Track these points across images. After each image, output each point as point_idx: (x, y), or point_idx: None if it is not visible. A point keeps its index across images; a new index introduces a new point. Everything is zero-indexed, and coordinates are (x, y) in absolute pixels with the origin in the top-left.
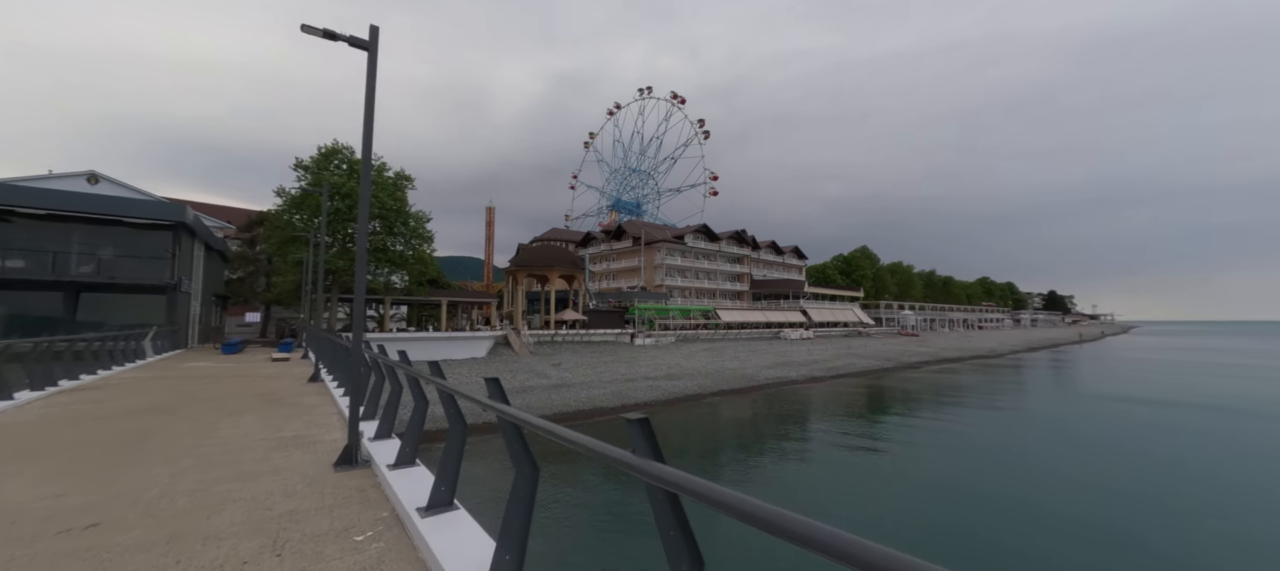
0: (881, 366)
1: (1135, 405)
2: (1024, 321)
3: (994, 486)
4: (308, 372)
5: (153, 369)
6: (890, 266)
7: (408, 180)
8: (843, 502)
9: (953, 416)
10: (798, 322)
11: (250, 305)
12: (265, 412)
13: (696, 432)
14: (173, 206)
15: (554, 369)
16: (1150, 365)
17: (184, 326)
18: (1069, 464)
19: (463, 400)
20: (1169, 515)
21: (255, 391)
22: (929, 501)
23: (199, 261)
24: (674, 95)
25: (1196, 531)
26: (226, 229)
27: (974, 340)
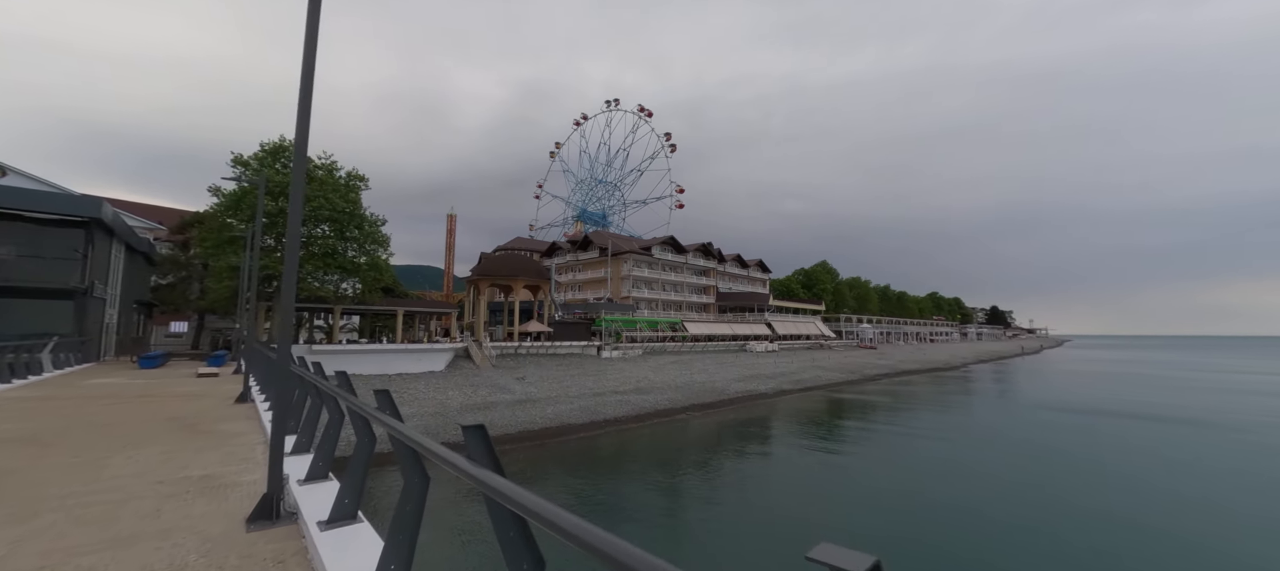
0: (846, 378)
1: (1080, 415)
2: (970, 335)
3: (959, 497)
4: (237, 390)
5: (46, 387)
6: (849, 281)
7: (361, 180)
8: (825, 516)
9: (916, 428)
10: (763, 335)
11: (181, 313)
12: (172, 443)
13: (669, 450)
14: (86, 201)
15: (518, 383)
16: (1090, 377)
17: (95, 337)
18: (1020, 473)
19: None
20: (1121, 522)
21: (167, 415)
22: (899, 512)
23: (118, 264)
24: (641, 108)
25: (1154, 538)
26: (157, 230)
27: (928, 353)
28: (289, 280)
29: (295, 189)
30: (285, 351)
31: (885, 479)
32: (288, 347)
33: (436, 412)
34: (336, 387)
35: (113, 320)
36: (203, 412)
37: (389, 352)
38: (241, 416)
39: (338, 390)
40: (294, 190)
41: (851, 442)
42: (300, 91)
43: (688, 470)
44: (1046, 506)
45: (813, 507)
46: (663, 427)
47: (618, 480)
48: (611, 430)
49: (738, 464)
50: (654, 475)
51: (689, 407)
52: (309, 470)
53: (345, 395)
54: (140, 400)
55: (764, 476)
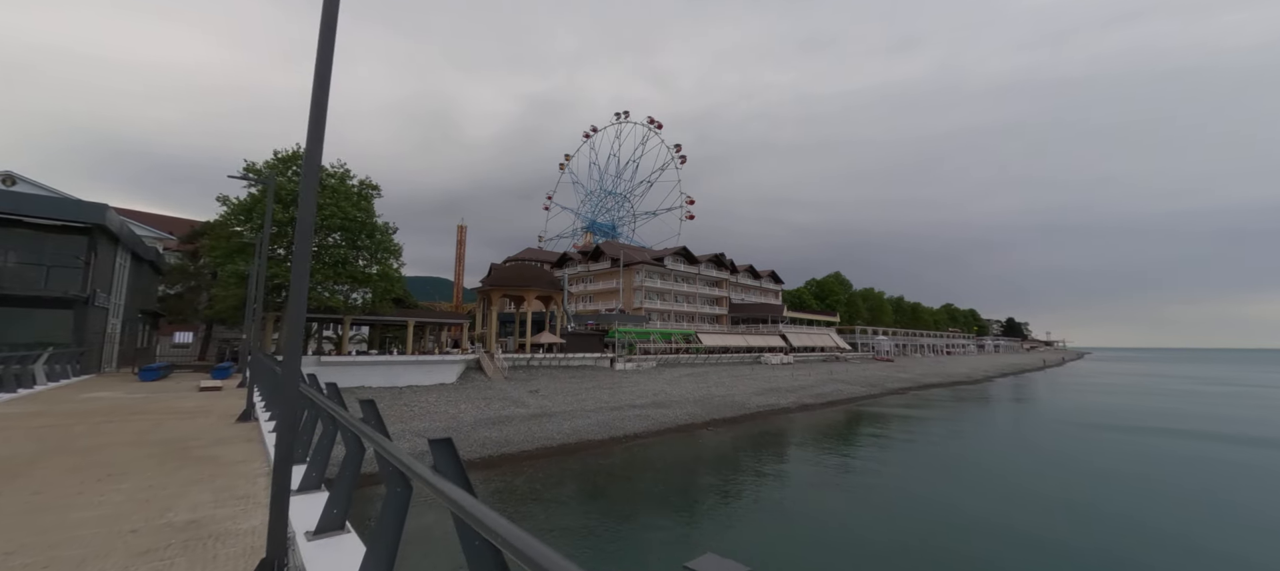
0: (868, 392)
1: (1128, 433)
2: (987, 347)
3: (1007, 519)
4: (240, 406)
5: (35, 402)
6: (862, 292)
7: (374, 189)
8: (864, 541)
9: (956, 446)
10: (778, 347)
11: (188, 324)
12: (158, 474)
13: (694, 467)
14: (89, 207)
15: (532, 396)
16: (1125, 391)
17: (97, 347)
18: (1074, 494)
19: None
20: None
21: (159, 436)
22: (947, 537)
23: (122, 272)
24: (650, 120)
25: None
26: (167, 240)
27: (947, 365)
28: (299, 289)
29: (305, 193)
30: (294, 368)
31: (937, 504)
32: (296, 364)
33: (449, 428)
34: (362, 423)
35: (116, 330)
36: (199, 433)
37: (399, 364)
38: (242, 438)
39: (362, 425)
40: (304, 194)
41: (887, 461)
42: (313, 98)
43: (717, 491)
44: (1114, 532)
45: (859, 533)
46: (684, 443)
47: (644, 502)
48: (633, 446)
49: (769, 484)
50: (682, 496)
51: (710, 422)
52: (321, 517)
53: (374, 434)
54: (132, 417)
55: (798, 499)
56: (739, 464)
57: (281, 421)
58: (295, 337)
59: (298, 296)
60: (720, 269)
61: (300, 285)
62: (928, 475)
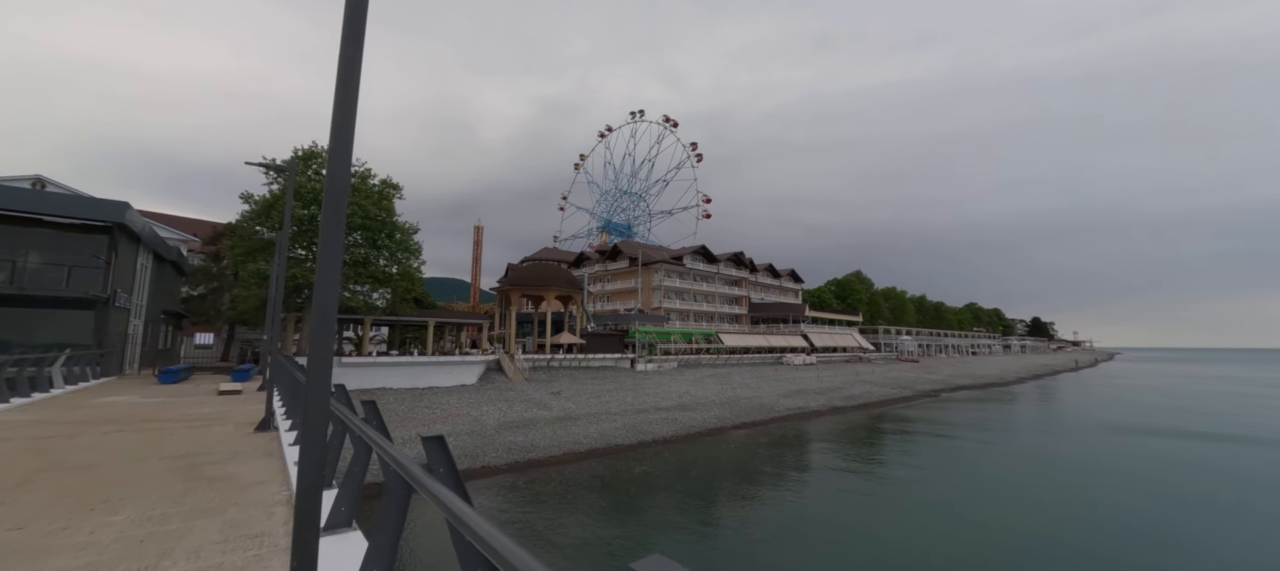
0: (898, 394)
1: (1197, 441)
2: (1013, 347)
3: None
4: (259, 412)
5: (47, 408)
6: (884, 291)
7: (395, 189)
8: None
9: (1003, 452)
10: (800, 347)
11: (211, 325)
12: (160, 501)
13: (729, 473)
14: (109, 205)
15: (554, 398)
16: (1170, 394)
17: (118, 349)
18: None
19: None
20: None
21: (169, 449)
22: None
23: (144, 273)
24: (666, 118)
25: None
26: (190, 241)
27: (975, 366)
28: (327, 293)
29: (334, 190)
30: (321, 383)
31: (1002, 527)
32: (326, 376)
33: (472, 432)
34: (428, 475)
35: (138, 331)
36: (213, 446)
37: (420, 365)
38: (260, 451)
39: (421, 474)
40: (331, 192)
41: (933, 472)
42: (339, 96)
43: (755, 501)
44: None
45: (918, 557)
46: (714, 447)
47: (680, 512)
48: (662, 450)
49: (811, 496)
50: (720, 507)
51: (738, 426)
52: (366, 559)
53: (444, 490)
54: (143, 426)
55: (846, 515)
56: (774, 471)
57: (307, 452)
58: (324, 348)
59: (325, 299)
60: (739, 268)
61: (331, 289)
62: (984, 492)
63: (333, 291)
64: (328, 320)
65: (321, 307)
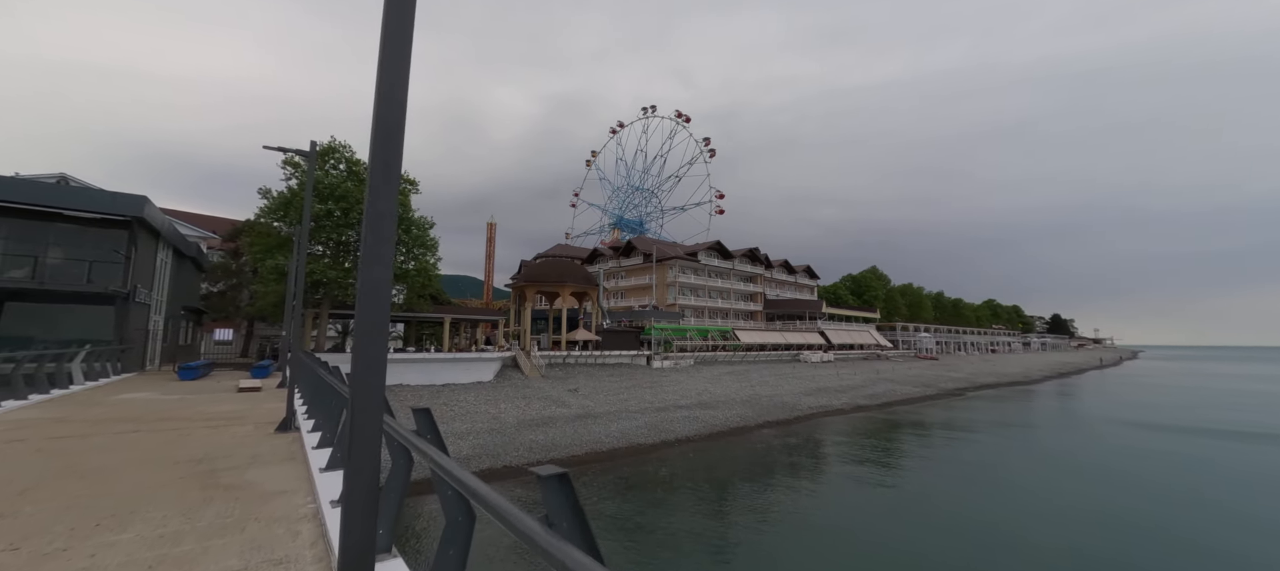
0: (922, 393)
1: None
2: (1033, 345)
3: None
4: (279, 410)
5: (63, 405)
6: (901, 287)
7: (412, 184)
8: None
9: (1040, 461)
10: (816, 345)
11: (230, 321)
12: (173, 514)
13: (757, 474)
14: (128, 199)
15: (572, 395)
16: (1206, 392)
17: (139, 345)
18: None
19: None
20: None
21: (184, 452)
22: None
23: (164, 268)
24: (679, 114)
25: None
26: (210, 239)
27: (997, 364)
28: (379, 259)
29: (378, 186)
30: (373, 391)
31: (1045, 540)
32: (378, 381)
33: (492, 429)
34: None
35: (158, 327)
36: (232, 449)
37: (436, 362)
38: (282, 455)
39: (506, 504)
40: (374, 189)
41: (973, 473)
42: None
43: (788, 506)
44: None
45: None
46: (738, 447)
47: (711, 517)
48: (686, 450)
49: (852, 501)
50: (751, 511)
51: (762, 425)
52: None
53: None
54: (160, 425)
55: (890, 522)
56: (808, 475)
57: (355, 501)
58: (375, 346)
59: (375, 281)
60: (754, 264)
61: (382, 268)
62: (1037, 501)
63: (384, 271)
64: (380, 307)
65: (371, 290)
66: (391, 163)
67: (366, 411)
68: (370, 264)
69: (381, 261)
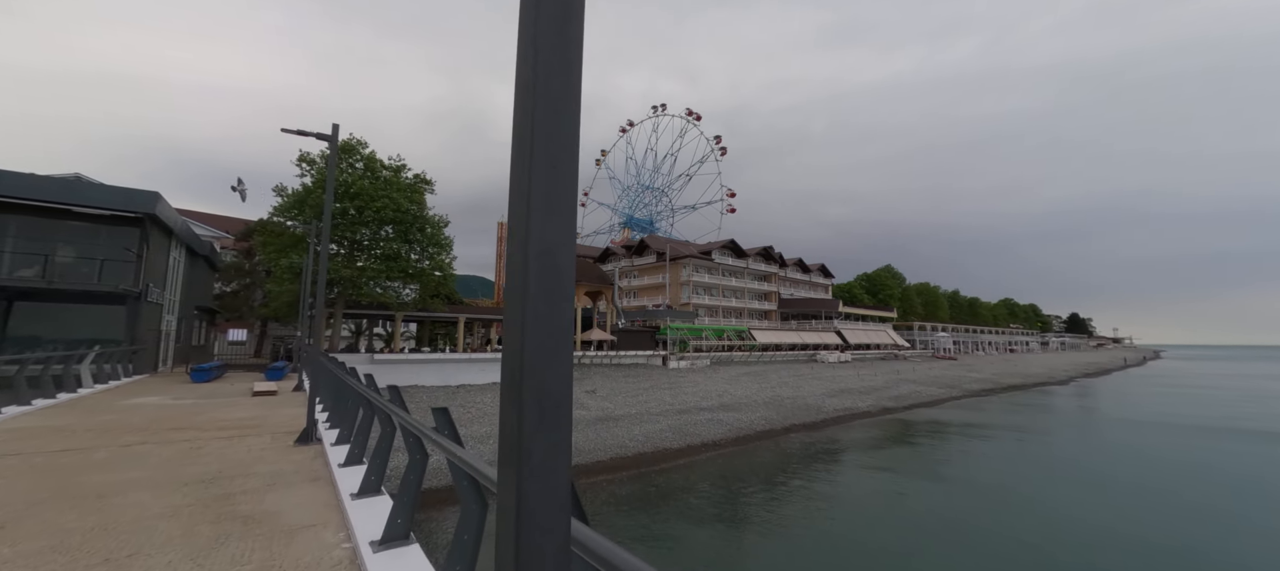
0: (946, 394)
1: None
2: (1052, 344)
3: None
4: (297, 417)
5: (71, 411)
6: (917, 286)
7: (428, 184)
8: None
9: (1088, 461)
10: (833, 345)
11: (244, 321)
12: (180, 558)
13: (805, 484)
14: (140, 195)
15: (590, 397)
16: (1240, 392)
17: (152, 345)
18: None
19: None
20: None
21: (196, 470)
22: None
23: (177, 267)
24: (689, 112)
25: None
26: (223, 238)
27: (1018, 364)
28: (562, 210)
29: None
30: (559, 406)
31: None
32: (564, 393)
33: None
34: None
35: (171, 327)
36: (249, 465)
37: (452, 363)
38: (304, 474)
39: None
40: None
41: (1029, 476)
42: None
43: (836, 518)
44: None
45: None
46: (767, 452)
47: (759, 535)
48: (714, 456)
49: (900, 515)
50: (803, 532)
51: (790, 428)
52: None
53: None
54: (170, 435)
55: (947, 539)
56: (843, 483)
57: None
58: (559, 334)
59: (556, 234)
60: (769, 263)
61: (565, 221)
62: (1087, 505)
63: (568, 224)
64: (562, 287)
65: (546, 257)
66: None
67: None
68: (551, 212)
69: (562, 212)
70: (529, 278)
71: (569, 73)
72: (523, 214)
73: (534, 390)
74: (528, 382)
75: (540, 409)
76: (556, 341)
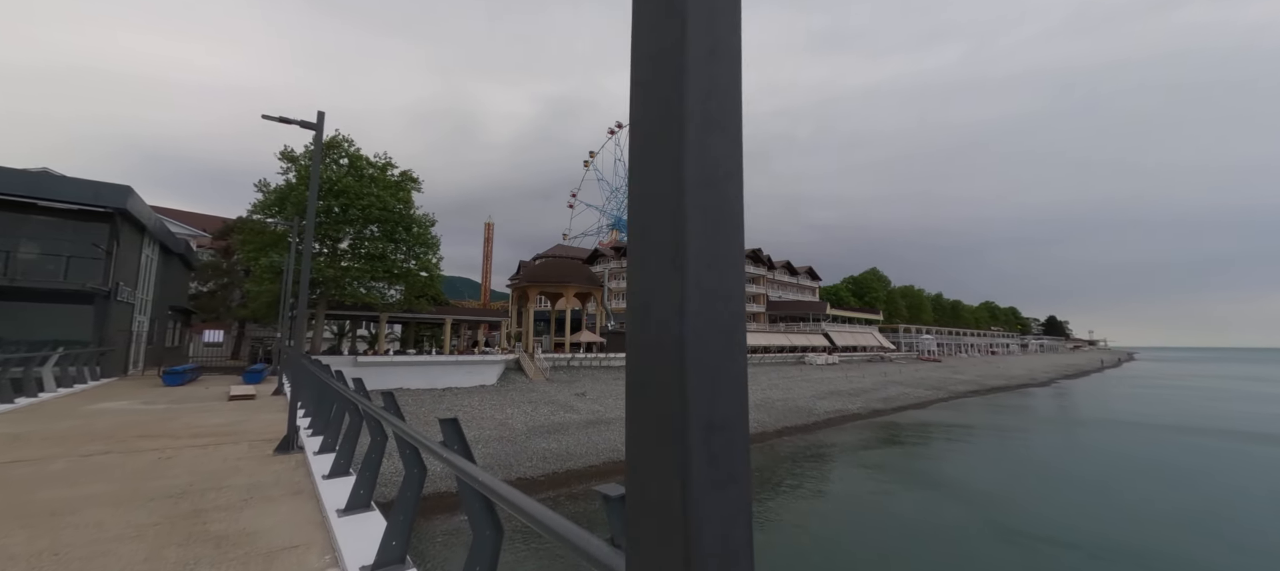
0: (934, 396)
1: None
2: (1032, 346)
3: None
4: (277, 423)
5: (29, 417)
6: (902, 289)
7: (414, 182)
8: None
9: (1080, 465)
10: (821, 346)
11: (221, 322)
12: None
13: (811, 490)
14: (110, 189)
15: (579, 400)
16: (1223, 395)
17: (121, 347)
18: None
19: None
20: None
21: (165, 484)
22: None
23: (150, 265)
24: None
25: None
26: (200, 237)
27: (1001, 366)
28: (717, 180)
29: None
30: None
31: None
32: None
33: (501, 438)
34: None
35: (143, 328)
36: (223, 476)
37: (438, 365)
38: (286, 486)
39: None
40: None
41: (1016, 477)
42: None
43: (844, 523)
44: None
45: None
46: (763, 455)
47: (778, 537)
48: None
49: (903, 517)
50: (810, 538)
51: (782, 431)
52: None
53: None
54: (138, 445)
55: (952, 539)
56: (849, 486)
57: None
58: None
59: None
60: (757, 265)
61: (734, 195)
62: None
63: (733, 193)
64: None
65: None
66: None
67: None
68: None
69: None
70: (686, 228)
71: None
72: (677, 126)
73: (701, 418)
74: (694, 411)
75: (708, 451)
76: (727, 338)
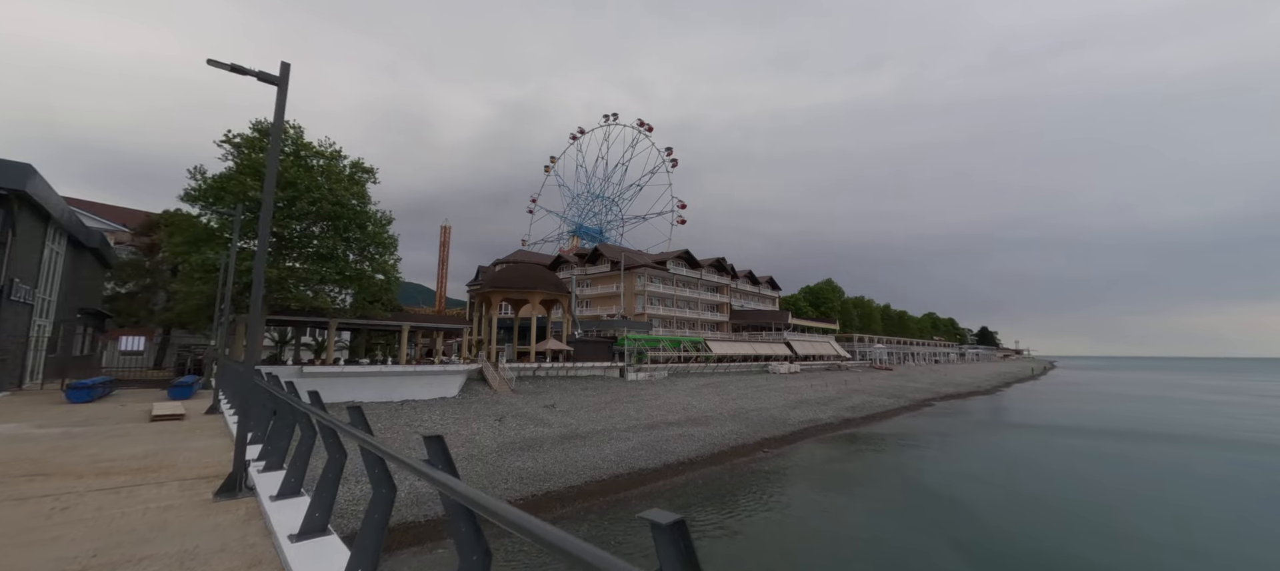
0: (895, 405)
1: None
2: (969, 356)
3: None
4: (215, 452)
5: None
6: (854, 300)
7: (368, 173)
8: None
9: (1067, 481)
10: (783, 356)
11: (142, 327)
12: None
13: (792, 507)
14: (6, 167)
15: (549, 412)
16: (1153, 400)
17: (15, 355)
18: None
19: None
20: None
21: (54, 551)
22: None
23: (56, 260)
24: (641, 122)
25: None
26: (119, 232)
27: (946, 374)
28: None
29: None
30: None
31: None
32: None
33: (471, 456)
34: None
35: (44, 333)
36: (145, 539)
37: (395, 376)
38: (234, 551)
39: None
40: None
41: (994, 479)
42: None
43: (853, 524)
44: None
45: None
46: (745, 469)
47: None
48: (694, 476)
49: (907, 518)
50: (828, 553)
51: (759, 443)
52: None
53: None
54: (23, 484)
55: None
56: (838, 495)
57: None
58: None
59: None
60: (722, 274)
61: None
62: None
63: None
64: None
65: None
66: None
67: None
68: None
69: None
70: None
71: None
72: None
73: None
74: None
75: None
76: None
